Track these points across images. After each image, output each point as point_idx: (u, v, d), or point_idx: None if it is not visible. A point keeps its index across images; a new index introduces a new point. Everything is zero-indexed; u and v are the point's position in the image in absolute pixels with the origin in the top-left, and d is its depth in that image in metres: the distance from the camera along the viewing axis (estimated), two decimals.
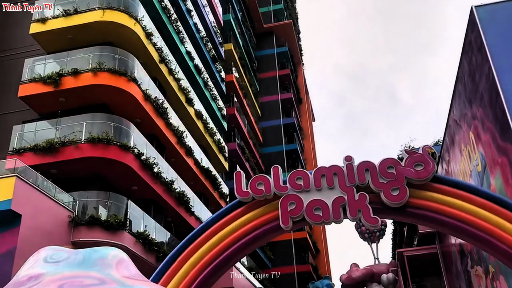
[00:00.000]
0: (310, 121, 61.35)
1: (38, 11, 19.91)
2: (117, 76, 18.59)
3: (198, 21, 29.49)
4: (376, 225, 11.14)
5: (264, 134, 44.41)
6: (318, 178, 11.29)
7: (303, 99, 57.82)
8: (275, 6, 53.68)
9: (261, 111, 45.43)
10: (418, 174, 10.93)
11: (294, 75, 54.51)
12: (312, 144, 57.85)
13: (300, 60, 58.89)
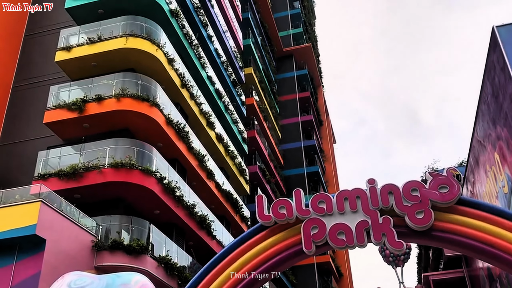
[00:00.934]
0: (331, 143, 61.09)
1: (63, 39, 20.47)
2: (139, 102, 18.89)
3: (219, 46, 29.90)
4: (401, 249, 10.93)
5: (285, 157, 44.33)
6: (341, 201, 11.17)
7: (324, 121, 57.73)
8: (295, 30, 54.16)
9: (281, 134, 45.46)
10: (443, 197, 10.73)
11: (314, 97, 54.58)
12: (333, 166, 57.48)
13: (320, 83, 59.02)
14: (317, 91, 57.99)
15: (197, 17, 26.34)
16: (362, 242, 10.75)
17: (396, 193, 10.97)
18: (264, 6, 45.83)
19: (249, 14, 39.98)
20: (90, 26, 20.55)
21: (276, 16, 52.16)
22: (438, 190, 10.83)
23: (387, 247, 11.05)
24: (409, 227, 10.77)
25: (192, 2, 25.76)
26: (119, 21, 20.31)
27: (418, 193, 10.88)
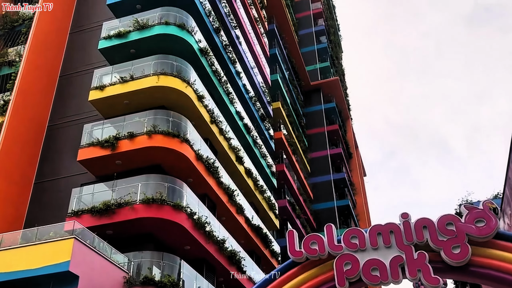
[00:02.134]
0: (361, 176, 60.38)
1: (97, 79, 21.16)
2: (170, 138, 19.21)
3: (247, 82, 30.35)
4: (438, 286, 10.59)
5: (314, 190, 43.96)
6: (374, 236, 10.97)
7: (353, 153, 57.28)
8: (322, 64, 54.59)
9: (310, 167, 45.24)
10: (480, 231, 10.43)
11: (342, 130, 54.40)
12: (364, 199, 56.62)
13: (349, 115, 58.89)
14: (346, 123, 57.83)
15: (226, 55, 26.90)
16: (397, 278, 10.48)
17: (430, 228, 10.72)
18: (291, 42, 46.49)
19: (276, 50, 40.60)
20: (122, 66, 21.22)
21: (303, 51, 52.79)
22: (474, 224, 10.54)
23: (423, 283, 10.73)
24: (445, 263, 10.47)
25: (220, 40, 26.37)
26: (150, 60, 20.92)
27: (453, 227, 10.62)
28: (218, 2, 27.34)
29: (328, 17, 63.20)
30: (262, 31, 37.39)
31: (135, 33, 21.59)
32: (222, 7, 27.88)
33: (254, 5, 36.27)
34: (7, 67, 23.25)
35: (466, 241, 10.41)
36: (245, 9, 33.40)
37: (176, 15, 22.00)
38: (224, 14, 28.04)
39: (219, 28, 26.14)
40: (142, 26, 21.56)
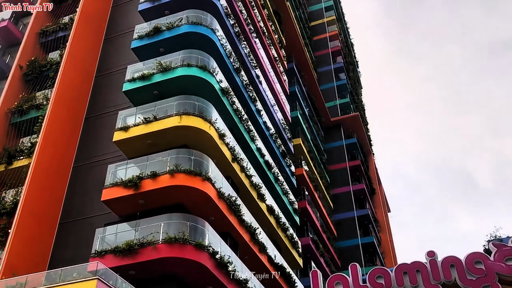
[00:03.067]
0: (385, 212, 59.39)
1: (121, 120, 21.63)
2: (192, 176, 19.35)
3: (267, 119, 30.61)
4: None
5: (338, 227, 43.34)
6: (400, 276, 10.75)
7: (376, 189, 56.59)
8: (341, 100, 54.84)
9: (333, 204, 44.76)
10: (510, 270, 10.13)
11: (365, 165, 53.99)
12: (389, 236, 55.49)
13: (370, 150, 58.55)
14: (368, 159, 57.43)
15: (246, 93, 27.30)
16: None
17: (458, 266, 10.46)
18: (310, 79, 46.99)
19: (296, 87, 41.04)
20: (146, 107, 21.69)
21: (322, 87, 53.24)
22: (504, 262, 10.27)
23: None
24: None
25: (241, 80, 26.83)
26: (173, 100, 21.36)
27: (482, 265, 10.35)
28: (238, 43, 27.97)
29: (346, 54, 63.86)
30: (282, 69, 37.94)
31: (159, 75, 22.17)
32: (242, 48, 28.49)
33: (273, 45, 36.95)
34: (34, 110, 24.00)
35: (497, 280, 10.12)
36: (265, 49, 34.06)
37: (198, 57, 22.56)
38: (244, 55, 28.62)
39: (239, 68, 26.65)
40: (165, 68, 22.14)
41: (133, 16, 27.61)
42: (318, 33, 60.21)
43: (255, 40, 31.67)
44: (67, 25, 27.60)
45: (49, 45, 27.71)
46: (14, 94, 25.10)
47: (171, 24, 23.95)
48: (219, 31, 25.08)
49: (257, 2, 34.75)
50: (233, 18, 28.01)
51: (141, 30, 24.48)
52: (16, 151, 22.60)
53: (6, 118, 24.15)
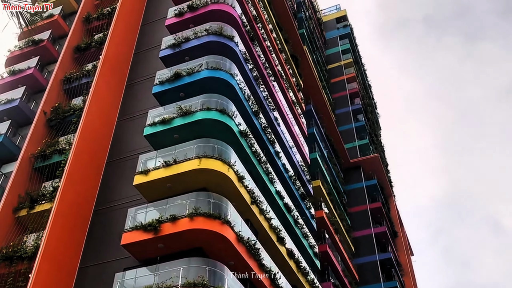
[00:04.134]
0: (408, 255, 57.88)
1: (142, 163, 21.87)
2: (211, 220, 19.26)
3: (286, 161, 30.59)
4: None
5: (359, 272, 42.28)
6: None
7: (398, 232, 55.41)
8: (360, 141, 54.69)
9: (354, 247, 43.85)
10: None
11: (386, 207, 53.14)
12: (412, 280, 53.87)
13: (391, 192, 57.75)
14: (389, 201, 56.57)
15: (265, 136, 27.46)
16: None
17: None
18: (329, 121, 47.14)
19: (314, 129, 41.16)
20: (166, 150, 21.93)
21: (341, 129, 53.28)
22: None
23: None
24: None
25: (259, 123, 27.05)
26: (192, 144, 21.57)
27: None
28: (257, 87, 28.39)
29: (364, 96, 64.15)
30: (300, 111, 38.20)
31: (179, 119, 22.53)
32: (261, 91, 28.89)
33: (291, 88, 37.40)
34: (57, 155, 24.45)
35: None
36: (283, 92, 34.46)
37: (217, 101, 22.92)
38: (263, 98, 28.98)
39: (258, 111, 26.94)
40: (185, 112, 22.51)
41: (155, 62, 28.38)
42: (335, 76, 60.83)
43: (273, 83, 32.12)
44: (90, 72, 28.46)
45: (73, 91, 28.52)
46: (38, 139, 25.70)
47: (191, 69, 24.52)
48: (238, 75, 25.55)
49: (275, 47, 35.45)
50: (251, 63, 28.55)
51: (162, 75, 25.09)
52: (38, 196, 22.91)
53: (29, 163, 24.63)
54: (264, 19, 34.01)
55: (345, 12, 70.66)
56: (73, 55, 30.73)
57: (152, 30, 31.85)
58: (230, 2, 28.16)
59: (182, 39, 26.48)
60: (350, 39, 66.98)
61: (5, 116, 28.02)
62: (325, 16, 71.61)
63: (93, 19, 32.68)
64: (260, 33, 31.89)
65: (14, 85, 30.03)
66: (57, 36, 33.55)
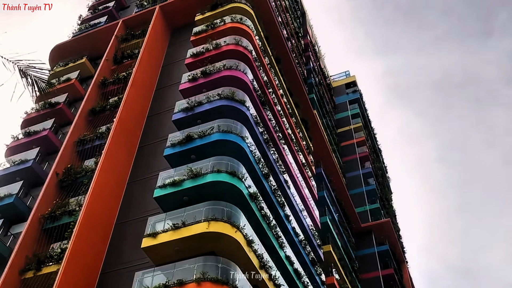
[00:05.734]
0: None
1: (150, 226, 21.72)
2: (219, 285, 18.84)
3: (296, 225, 30.21)
4: None
5: None
6: None
7: None
8: (371, 205, 54.10)
9: None
10: None
11: (399, 274, 51.62)
12: None
13: (404, 258, 56.31)
14: (401, 267, 55.03)
15: (275, 199, 27.32)
16: None
17: None
18: (339, 184, 46.93)
19: (324, 192, 40.94)
20: (175, 213, 21.85)
21: (351, 193, 52.88)
22: None
23: None
24: None
25: (269, 185, 27.02)
26: (202, 206, 21.51)
27: None
28: (267, 149, 28.62)
29: (374, 159, 64.19)
30: (310, 174, 38.18)
31: (189, 181, 22.61)
32: (271, 154, 29.08)
33: (301, 151, 37.62)
34: (67, 216, 24.45)
35: None
36: (293, 155, 34.65)
37: (228, 163, 23.08)
38: (273, 160, 29.12)
39: (268, 174, 26.99)
40: (196, 175, 22.62)
41: (167, 125, 28.90)
42: (345, 139, 61.24)
43: (283, 146, 32.38)
44: (103, 134, 28.98)
45: (86, 153, 28.93)
46: (48, 200, 25.80)
47: (203, 132, 24.90)
48: (249, 138, 25.86)
49: (285, 111, 36.05)
50: (262, 126, 28.96)
51: (174, 138, 25.48)
52: (46, 257, 22.69)
53: (39, 224, 24.60)
54: (275, 84, 34.86)
55: (354, 78, 72.24)
56: (88, 118, 31.45)
57: (166, 94, 32.70)
58: (242, 68, 29.01)
59: (195, 103, 27.10)
60: (360, 103, 68.00)
61: (18, 176, 28.35)
62: (334, 81, 73.19)
63: (109, 83, 33.70)
64: (271, 98, 32.58)
65: (28, 146, 30.60)
66: (73, 99, 34.53)
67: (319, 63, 63.05)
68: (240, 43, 30.67)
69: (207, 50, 30.72)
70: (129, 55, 35.38)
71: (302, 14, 62.60)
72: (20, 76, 7.35)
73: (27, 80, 7.39)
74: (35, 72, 7.49)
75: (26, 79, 7.42)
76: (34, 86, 7.48)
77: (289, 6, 53.39)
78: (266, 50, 35.96)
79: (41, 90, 7.72)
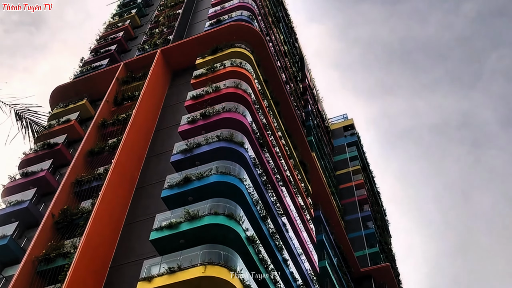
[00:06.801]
0: None
1: (146, 270, 21.31)
2: None
3: (294, 270, 29.67)
4: None
5: None
6: None
7: None
8: (370, 249, 53.38)
9: None
10: None
11: None
12: None
13: None
14: None
15: (272, 242, 26.96)
16: None
17: None
18: (338, 228, 46.47)
19: (323, 235, 40.46)
20: (171, 256, 21.51)
21: (350, 236, 52.28)
22: None
23: None
24: None
25: (267, 228, 26.73)
26: (198, 249, 21.19)
27: None
28: (265, 191, 28.49)
29: (373, 202, 63.82)
30: (308, 217, 37.84)
31: (186, 223, 22.38)
32: (269, 196, 28.92)
33: (300, 193, 37.44)
34: (61, 259, 24.03)
35: None
36: (291, 197, 34.45)
37: (225, 205, 22.92)
38: (271, 203, 28.92)
39: (266, 216, 26.74)
40: (193, 217, 22.41)
41: (166, 166, 28.84)
42: (344, 182, 61.07)
43: (281, 188, 32.24)
44: (101, 175, 28.89)
45: (83, 194, 28.74)
46: (43, 242, 25.43)
47: (201, 174, 24.84)
48: (247, 180, 25.78)
49: (284, 153, 36.12)
50: (260, 168, 28.93)
51: (171, 180, 25.39)
52: None
53: (32, 267, 24.13)
54: (273, 126, 35.08)
55: (352, 121, 72.86)
56: (86, 159, 31.44)
57: (165, 135, 32.84)
58: (241, 111, 29.27)
59: (194, 144, 27.18)
60: (358, 146, 68.26)
61: (14, 217, 28.06)
62: (333, 124, 73.74)
63: (108, 125, 33.89)
64: (269, 140, 32.71)
65: (25, 187, 30.43)
66: (72, 140, 34.63)
67: (317, 106, 63.72)
68: (240, 86, 31.07)
69: (207, 93, 31.09)
70: (129, 97, 35.76)
71: (300, 59, 63.75)
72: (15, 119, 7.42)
73: (22, 123, 7.47)
74: (31, 115, 7.57)
75: (21, 122, 7.50)
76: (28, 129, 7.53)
77: (288, 51, 54.44)
78: (265, 93, 36.40)
79: (34, 133, 7.77)
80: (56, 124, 35.64)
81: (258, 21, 41.09)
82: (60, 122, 35.82)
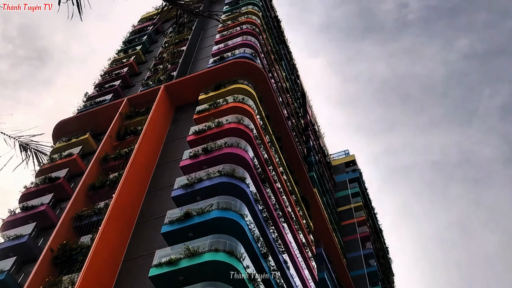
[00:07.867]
0: None
1: None
2: None
3: None
4: None
5: None
6: None
7: None
8: (369, 268, 52.56)
9: None
10: None
11: None
12: None
13: None
14: None
15: (274, 280, 26.49)
16: None
17: None
18: (340, 265, 45.75)
19: (325, 273, 39.78)
20: None
21: (352, 274, 51.40)
22: None
23: None
24: None
25: (268, 266, 26.32)
26: (198, 287, 20.85)
27: None
28: (267, 228, 28.20)
29: (375, 240, 63.02)
30: (310, 254, 37.31)
31: (186, 260, 22.07)
32: (270, 233, 28.61)
33: (301, 230, 37.05)
34: None
35: None
36: (293, 234, 34.07)
37: (226, 242, 22.66)
38: (272, 240, 28.59)
39: (267, 253, 26.38)
40: (193, 253, 22.13)
41: (166, 201, 28.67)
42: (346, 218, 60.49)
43: (283, 224, 31.93)
44: (101, 210, 28.69)
45: (83, 229, 28.47)
46: (41, 277, 25.00)
47: (202, 209, 24.66)
48: (248, 216, 25.57)
49: (285, 189, 35.95)
50: (262, 204, 28.74)
51: (172, 215, 25.20)
52: None
53: None
54: (275, 162, 35.05)
55: (353, 157, 72.78)
56: (87, 193, 31.30)
57: (167, 170, 32.78)
58: (243, 146, 29.33)
59: (195, 179, 27.11)
60: (359, 182, 67.94)
61: (12, 252, 27.73)
62: (334, 160, 73.66)
63: (110, 159, 33.90)
64: (271, 175, 32.62)
65: (25, 221, 30.19)
66: (74, 174, 34.56)
67: (319, 142, 63.83)
68: (242, 121, 31.25)
69: (209, 128, 31.24)
70: (132, 132, 35.91)
71: (302, 95, 64.33)
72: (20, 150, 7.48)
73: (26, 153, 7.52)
74: (34, 145, 7.63)
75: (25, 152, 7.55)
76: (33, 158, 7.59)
77: (290, 87, 54.99)
78: (267, 129, 36.56)
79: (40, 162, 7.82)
80: (58, 158, 35.67)
81: (261, 58, 41.70)
82: (62, 156, 35.86)
